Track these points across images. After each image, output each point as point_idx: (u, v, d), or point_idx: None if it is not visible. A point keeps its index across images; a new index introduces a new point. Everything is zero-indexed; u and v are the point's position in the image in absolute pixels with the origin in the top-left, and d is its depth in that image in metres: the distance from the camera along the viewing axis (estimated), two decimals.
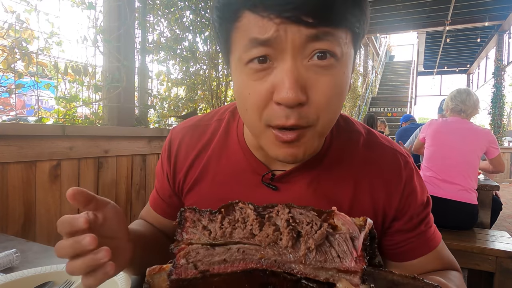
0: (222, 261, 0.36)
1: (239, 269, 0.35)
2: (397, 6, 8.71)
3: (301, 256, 0.34)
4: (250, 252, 0.35)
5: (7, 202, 1.35)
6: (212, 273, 0.36)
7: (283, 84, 0.48)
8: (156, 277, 0.38)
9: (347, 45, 0.52)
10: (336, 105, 0.54)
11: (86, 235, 0.43)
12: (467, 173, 2.42)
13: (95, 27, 1.95)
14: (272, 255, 0.35)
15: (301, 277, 0.34)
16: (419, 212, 0.68)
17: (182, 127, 0.78)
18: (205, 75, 3.00)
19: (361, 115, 11.21)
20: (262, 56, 0.50)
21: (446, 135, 2.51)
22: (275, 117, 0.51)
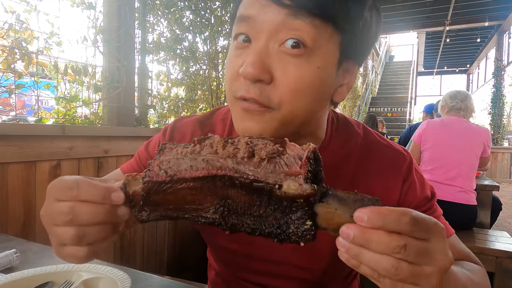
0: (188, 167, 0.41)
1: (202, 174, 0.40)
2: (397, 6, 8.71)
3: (254, 163, 0.40)
4: (212, 161, 0.41)
5: (7, 202, 1.35)
6: (179, 177, 0.41)
7: (248, 59, 0.52)
8: (132, 181, 0.43)
9: (328, 43, 0.53)
10: (302, 98, 0.54)
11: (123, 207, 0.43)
12: (467, 174, 2.39)
13: (95, 27, 1.95)
14: (230, 163, 0.41)
15: (254, 179, 0.39)
16: (422, 205, 0.68)
17: (187, 120, 0.79)
18: (205, 75, 3.00)
19: (361, 115, 11.20)
20: (245, 34, 0.55)
21: (445, 136, 2.47)
22: (238, 88, 0.54)
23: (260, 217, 0.41)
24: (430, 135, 2.53)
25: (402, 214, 0.36)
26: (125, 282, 0.66)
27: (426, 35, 12.57)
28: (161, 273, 2.16)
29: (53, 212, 0.43)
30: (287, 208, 0.39)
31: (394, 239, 0.35)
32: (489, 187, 2.62)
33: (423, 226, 0.37)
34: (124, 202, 0.43)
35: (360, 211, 0.36)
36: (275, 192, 0.39)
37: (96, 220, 0.42)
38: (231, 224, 0.42)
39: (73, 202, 0.42)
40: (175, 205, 0.43)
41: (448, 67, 17.02)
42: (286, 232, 0.40)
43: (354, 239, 0.36)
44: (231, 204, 0.41)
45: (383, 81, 15.71)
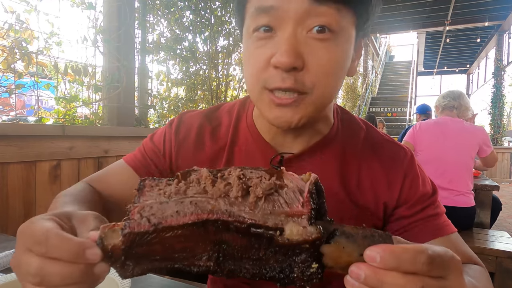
0: (174, 213, 0.36)
1: (191, 221, 0.35)
2: (397, 6, 8.72)
3: (250, 203, 0.36)
4: (202, 204, 0.36)
5: (7, 202, 1.35)
6: (164, 225, 0.36)
7: (281, 49, 0.53)
8: (109, 233, 0.37)
9: (348, 24, 0.56)
10: (333, 78, 0.57)
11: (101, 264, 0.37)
12: (463, 176, 2.33)
13: (95, 27, 1.95)
14: (223, 205, 0.36)
15: (252, 223, 0.35)
16: (423, 200, 0.68)
17: (193, 113, 0.79)
18: (205, 75, 3.00)
19: (361, 115, 11.21)
20: (266, 25, 0.55)
21: (438, 137, 2.40)
22: (272, 80, 0.55)
23: (259, 260, 0.37)
24: (424, 136, 2.47)
25: (418, 253, 0.33)
26: (125, 282, 0.66)
27: (426, 35, 12.57)
28: (161, 273, 2.16)
29: (21, 266, 0.37)
30: (290, 250, 0.35)
31: (410, 280, 0.33)
32: (489, 187, 2.62)
33: (440, 263, 0.34)
34: (103, 258, 0.37)
35: (371, 250, 0.33)
36: (276, 240, 0.34)
37: (69, 281, 0.36)
38: (227, 270, 0.38)
39: (42, 259, 0.36)
40: (163, 256, 0.38)
41: (448, 67, 17.02)
42: (290, 276, 0.36)
43: (366, 281, 0.33)
44: (226, 249, 0.37)
45: (383, 81, 15.70)
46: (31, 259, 0.36)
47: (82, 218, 0.43)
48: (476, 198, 2.58)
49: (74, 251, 0.35)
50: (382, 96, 14.18)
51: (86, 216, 0.43)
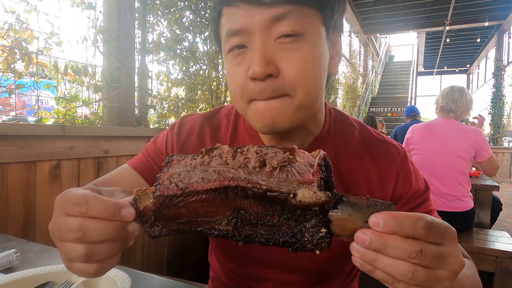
0: (199, 179, 0.40)
1: (214, 186, 0.39)
2: (397, 6, 8.72)
3: (266, 172, 0.40)
4: (224, 172, 0.40)
5: (7, 202, 1.35)
6: (191, 190, 0.40)
7: (253, 61, 0.56)
8: (142, 196, 0.42)
9: (313, 21, 0.58)
10: (312, 77, 0.59)
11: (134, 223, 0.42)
12: (458, 180, 2.27)
13: (95, 27, 1.95)
14: (242, 173, 0.40)
15: (268, 189, 0.38)
16: (417, 197, 0.71)
17: (194, 116, 0.82)
18: (205, 75, 3.00)
19: (361, 115, 11.20)
20: (238, 44, 0.59)
21: (431, 141, 2.34)
22: (252, 93, 0.58)
23: (273, 226, 0.40)
24: (415, 140, 2.42)
25: (417, 219, 0.36)
26: (125, 282, 0.66)
27: (426, 35, 12.57)
28: (161, 273, 2.16)
29: (61, 227, 0.41)
30: (301, 216, 0.39)
31: (411, 244, 0.35)
32: (489, 187, 2.61)
33: (437, 230, 0.37)
34: (135, 218, 0.42)
35: (376, 216, 0.36)
36: (290, 201, 0.38)
37: (106, 237, 0.40)
38: (244, 235, 0.41)
39: (81, 218, 0.40)
40: (187, 219, 0.42)
41: (448, 67, 17.02)
42: (301, 240, 0.40)
43: (370, 244, 0.36)
44: (244, 215, 0.41)
45: (383, 81, 15.70)
46: (71, 219, 0.40)
47: (111, 192, 0.49)
48: (476, 198, 2.58)
49: (111, 210, 0.40)
50: (382, 96, 14.18)
51: (114, 190, 0.50)
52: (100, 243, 0.40)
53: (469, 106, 2.41)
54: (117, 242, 0.42)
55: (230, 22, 0.59)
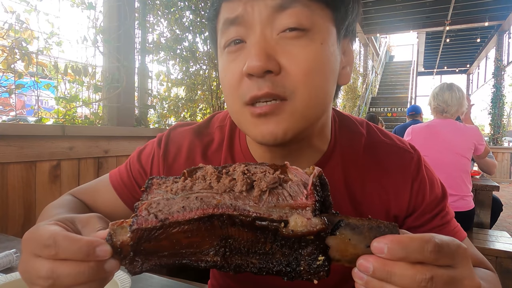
0: (180, 208, 0.37)
1: (197, 215, 0.36)
2: (397, 6, 8.72)
3: (254, 197, 0.36)
4: (207, 199, 0.37)
5: (7, 202, 1.35)
6: (171, 221, 0.36)
7: (250, 54, 0.49)
8: (118, 230, 0.38)
9: (321, 17, 0.52)
10: (316, 80, 0.51)
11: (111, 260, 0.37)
12: (461, 179, 2.28)
13: (95, 27, 1.95)
14: (228, 199, 0.36)
15: (256, 217, 0.35)
16: (432, 208, 0.65)
17: (182, 129, 0.74)
18: (205, 75, 3.00)
19: (361, 115, 11.20)
20: (236, 38, 0.52)
21: (432, 143, 2.34)
22: (248, 90, 0.51)
23: (266, 255, 0.37)
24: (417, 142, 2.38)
25: (425, 242, 0.32)
26: (125, 282, 0.66)
27: (426, 35, 12.57)
28: (161, 273, 2.16)
29: (30, 271, 0.37)
30: (296, 243, 0.36)
31: (419, 271, 0.32)
32: (489, 187, 2.61)
33: (447, 251, 0.33)
34: (113, 255, 0.38)
35: (379, 242, 0.33)
36: (281, 232, 0.35)
37: (81, 280, 0.36)
38: (234, 265, 0.38)
39: (52, 262, 0.36)
40: (170, 251, 0.38)
41: (448, 67, 17.02)
42: (297, 269, 0.36)
43: (375, 272, 0.33)
44: (233, 243, 0.37)
45: (383, 81, 15.70)
46: (40, 263, 0.36)
47: (86, 220, 0.43)
48: (476, 198, 2.57)
49: (84, 250, 0.36)
50: (382, 96, 14.18)
51: (90, 218, 0.43)
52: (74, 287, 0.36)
53: (461, 102, 2.38)
54: (94, 283, 0.38)
55: (227, 11, 0.52)
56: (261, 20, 0.50)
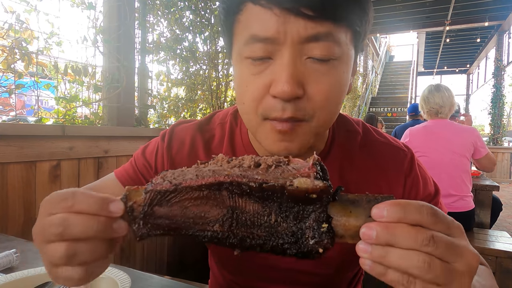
0: (194, 176, 0.39)
1: (209, 182, 0.38)
2: (397, 6, 8.72)
3: (261, 169, 0.39)
4: (219, 171, 0.39)
5: (7, 202, 1.35)
6: (184, 185, 0.38)
7: (280, 78, 0.49)
8: (133, 192, 0.40)
9: (347, 45, 0.53)
10: (334, 105, 0.55)
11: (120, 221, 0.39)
12: (461, 179, 2.28)
13: (95, 27, 1.95)
14: (237, 171, 0.39)
15: (263, 181, 0.37)
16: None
17: (185, 125, 0.76)
18: (205, 75, 3.00)
19: (361, 115, 11.21)
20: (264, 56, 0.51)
21: (431, 143, 2.33)
22: (271, 110, 0.52)
23: (271, 227, 0.38)
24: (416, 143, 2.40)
25: (421, 205, 0.34)
26: (125, 282, 0.66)
27: (426, 35, 12.57)
28: (161, 273, 2.16)
29: (44, 226, 0.39)
30: (300, 213, 0.37)
31: (420, 231, 0.33)
32: (489, 187, 2.61)
33: (443, 218, 0.35)
34: (123, 216, 0.39)
35: (378, 207, 0.34)
36: (287, 188, 0.37)
37: (89, 233, 0.37)
38: (240, 237, 0.39)
39: (66, 213, 0.38)
40: (179, 219, 0.40)
41: (448, 67, 17.02)
42: (302, 239, 0.37)
43: (378, 238, 0.33)
44: (239, 215, 0.39)
45: (383, 81, 15.70)
46: (55, 216, 0.38)
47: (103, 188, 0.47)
48: (476, 198, 2.58)
49: (99, 203, 0.38)
50: (382, 96, 14.19)
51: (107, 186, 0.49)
52: (82, 241, 0.38)
53: (451, 101, 2.40)
54: (102, 242, 0.39)
55: (257, 26, 0.50)
56: (292, 43, 0.50)
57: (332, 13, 0.48)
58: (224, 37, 0.61)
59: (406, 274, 0.33)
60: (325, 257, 0.66)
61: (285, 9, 0.48)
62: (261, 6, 0.49)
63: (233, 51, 0.57)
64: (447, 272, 0.33)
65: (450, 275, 0.33)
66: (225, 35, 0.59)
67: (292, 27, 0.48)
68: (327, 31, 0.49)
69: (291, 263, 0.70)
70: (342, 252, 0.67)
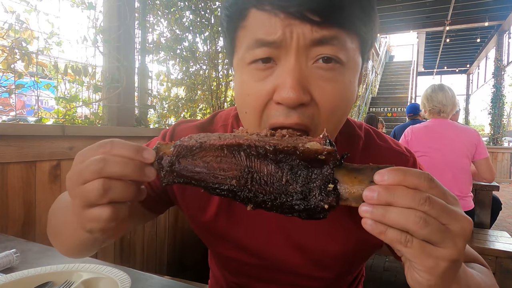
0: (217, 137, 0.45)
1: (230, 143, 0.43)
2: (397, 6, 8.71)
3: (277, 137, 0.45)
4: (239, 136, 0.45)
5: (7, 202, 1.35)
6: (208, 143, 0.44)
7: (284, 83, 0.48)
8: (163, 145, 0.46)
9: (354, 51, 0.52)
10: (341, 114, 0.53)
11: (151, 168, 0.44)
12: (461, 179, 2.28)
13: (95, 27, 1.95)
14: (255, 137, 0.44)
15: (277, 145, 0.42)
16: None
17: (187, 125, 0.76)
18: (205, 75, 3.00)
19: (361, 115, 11.21)
20: (266, 57, 0.50)
21: (432, 143, 2.33)
22: (274, 116, 0.50)
23: (282, 186, 0.42)
24: (416, 143, 2.40)
25: (419, 172, 0.37)
26: (125, 282, 0.66)
27: (426, 35, 12.57)
28: (161, 273, 2.16)
29: (82, 167, 0.42)
30: (309, 176, 0.41)
31: (418, 192, 0.36)
32: (489, 187, 2.61)
33: (439, 186, 0.38)
34: (153, 164, 0.45)
35: (380, 172, 0.38)
36: (299, 149, 0.41)
37: (125, 172, 0.42)
38: (254, 192, 0.43)
39: (105, 155, 0.42)
40: (201, 170, 0.44)
41: (448, 67, 17.02)
42: (309, 196, 0.41)
43: (379, 197, 0.36)
44: (254, 174, 0.43)
45: (383, 81, 15.70)
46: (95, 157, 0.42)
47: None
48: (476, 198, 2.57)
49: (134, 149, 0.43)
50: (382, 96, 14.18)
51: None
52: (117, 180, 0.42)
53: (454, 101, 2.40)
54: (132, 185, 0.44)
55: (262, 31, 0.49)
56: (298, 48, 0.48)
57: (337, 18, 0.48)
58: (226, 44, 0.60)
59: (404, 232, 0.36)
60: (327, 262, 0.67)
61: (290, 14, 0.47)
62: (266, 12, 0.48)
63: (235, 58, 0.56)
64: (442, 231, 0.36)
65: (445, 234, 0.36)
66: (227, 42, 0.58)
67: (297, 31, 0.47)
68: (333, 35, 0.48)
69: (291, 266, 0.70)
70: (342, 257, 0.67)
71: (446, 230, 0.36)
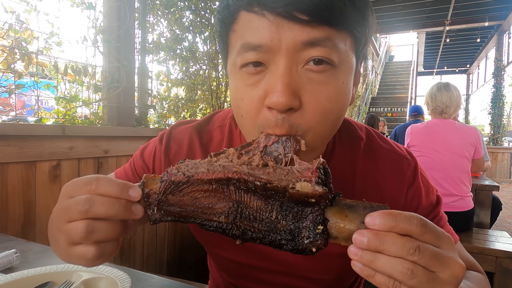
0: (205, 170, 0.43)
1: (218, 176, 0.42)
2: (397, 6, 8.72)
3: (268, 169, 0.43)
4: (228, 167, 0.43)
5: (7, 202, 1.35)
6: (196, 178, 0.43)
7: (274, 88, 0.47)
8: (150, 180, 0.45)
9: (347, 53, 0.50)
10: (333, 118, 0.51)
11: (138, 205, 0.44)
12: (461, 179, 2.28)
13: (95, 27, 1.95)
14: (245, 169, 0.43)
15: (267, 181, 0.41)
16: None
17: (184, 127, 0.75)
18: (205, 75, 3.00)
19: (361, 115, 11.21)
20: (256, 61, 0.49)
21: (431, 143, 2.33)
22: (267, 124, 0.50)
23: (271, 223, 0.42)
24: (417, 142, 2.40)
25: (412, 215, 0.37)
26: (125, 282, 0.66)
27: (426, 35, 12.57)
28: (161, 273, 2.16)
29: (68, 205, 0.42)
30: (299, 213, 0.41)
31: (408, 240, 0.36)
32: (489, 187, 2.61)
33: (432, 229, 0.37)
34: (140, 201, 0.44)
35: (371, 215, 0.37)
36: (288, 190, 0.40)
37: (111, 212, 0.42)
38: (242, 229, 0.42)
39: (90, 195, 0.42)
40: (189, 208, 0.44)
41: (448, 67, 17.02)
42: (298, 237, 0.41)
43: (368, 243, 0.36)
44: (244, 209, 0.42)
45: (383, 81, 15.70)
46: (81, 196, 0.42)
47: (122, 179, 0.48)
48: (476, 198, 2.57)
49: (120, 187, 0.42)
50: (382, 96, 14.19)
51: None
52: (102, 220, 0.42)
53: (458, 102, 2.39)
54: (117, 224, 0.43)
55: (250, 33, 0.48)
56: (287, 51, 0.47)
57: (328, 17, 0.46)
58: (220, 49, 0.59)
59: (392, 278, 0.36)
60: (326, 264, 0.67)
61: (278, 14, 0.46)
62: (255, 13, 0.47)
63: (228, 62, 0.55)
64: (430, 280, 0.36)
65: (433, 283, 0.36)
66: (221, 46, 0.58)
67: (287, 34, 0.46)
68: (325, 36, 0.46)
69: (290, 268, 0.69)
70: (342, 259, 0.67)
71: (435, 279, 0.36)
